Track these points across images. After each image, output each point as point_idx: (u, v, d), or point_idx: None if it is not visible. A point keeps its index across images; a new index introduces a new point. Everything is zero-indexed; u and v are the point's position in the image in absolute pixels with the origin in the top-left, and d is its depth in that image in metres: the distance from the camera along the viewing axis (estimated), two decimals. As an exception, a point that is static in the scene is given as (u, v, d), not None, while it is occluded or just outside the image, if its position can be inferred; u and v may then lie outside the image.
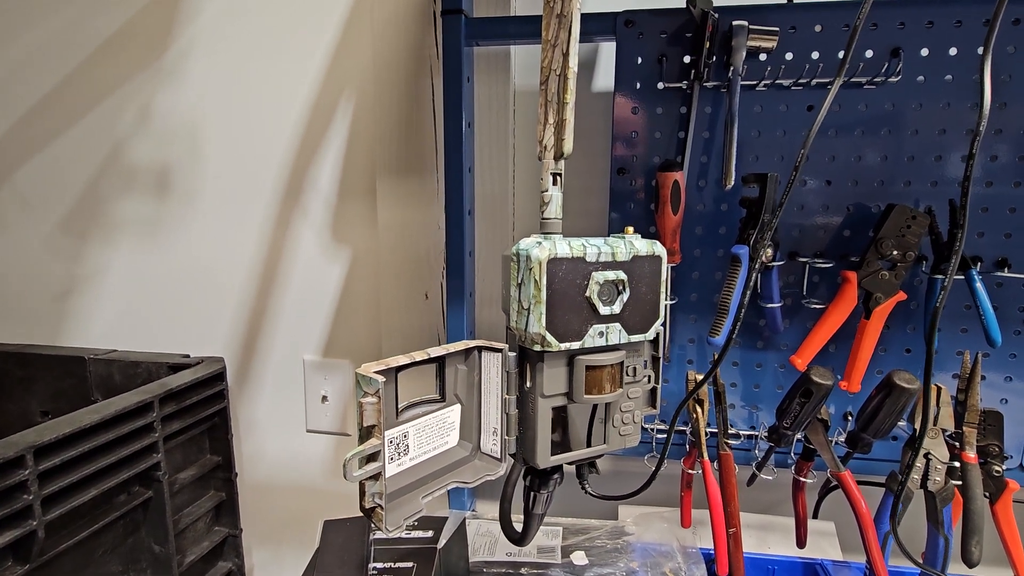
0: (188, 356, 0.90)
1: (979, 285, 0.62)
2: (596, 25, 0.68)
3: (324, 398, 0.92)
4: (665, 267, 0.43)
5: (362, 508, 0.36)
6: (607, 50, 0.75)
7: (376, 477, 0.36)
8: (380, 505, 0.36)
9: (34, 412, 0.91)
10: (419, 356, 0.39)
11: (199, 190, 0.91)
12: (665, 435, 0.54)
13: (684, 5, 0.64)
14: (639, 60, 0.68)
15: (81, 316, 0.99)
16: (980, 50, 0.62)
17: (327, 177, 0.86)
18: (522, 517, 0.47)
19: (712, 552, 0.64)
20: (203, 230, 0.92)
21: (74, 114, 0.93)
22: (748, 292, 0.52)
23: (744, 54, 0.64)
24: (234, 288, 0.92)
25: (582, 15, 0.39)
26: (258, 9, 0.84)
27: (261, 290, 0.91)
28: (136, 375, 0.87)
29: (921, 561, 0.54)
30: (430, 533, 0.67)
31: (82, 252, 0.97)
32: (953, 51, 0.63)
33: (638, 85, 0.69)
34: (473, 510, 0.83)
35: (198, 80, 0.88)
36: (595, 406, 0.44)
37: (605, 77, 0.77)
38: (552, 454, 0.43)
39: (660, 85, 0.68)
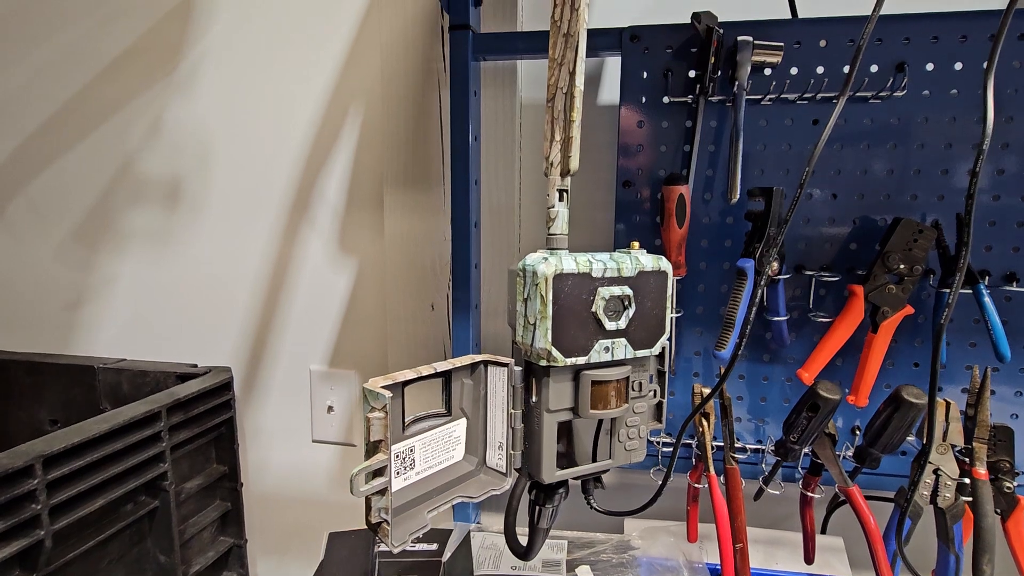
0: (196, 366, 0.90)
1: (987, 299, 0.62)
2: (602, 40, 0.69)
3: (330, 408, 0.92)
4: (671, 282, 0.43)
5: (368, 523, 0.37)
6: (612, 64, 0.76)
7: (382, 492, 0.36)
8: (386, 520, 0.36)
9: (43, 420, 0.92)
10: (425, 371, 0.39)
11: (208, 201, 0.92)
12: (671, 449, 0.54)
13: (689, 21, 0.65)
14: (644, 75, 0.69)
15: (90, 325, 1.00)
16: (985, 65, 0.62)
17: (335, 188, 0.87)
18: (527, 531, 0.47)
19: (719, 567, 0.63)
20: (212, 241, 0.93)
21: (86, 127, 0.95)
22: (754, 305, 0.52)
23: (749, 69, 0.64)
24: (242, 298, 0.93)
25: (588, 31, 0.39)
26: (268, 24, 0.86)
27: (268, 300, 0.92)
28: (144, 384, 0.88)
29: (931, 579, 0.53)
30: (435, 546, 0.67)
31: (92, 262, 0.98)
32: (959, 66, 0.63)
33: (644, 99, 0.70)
34: (478, 523, 0.83)
35: (208, 93, 0.89)
36: (601, 421, 0.44)
37: (610, 91, 0.77)
38: (558, 468, 0.43)
39: (665, 99, 0.69)
